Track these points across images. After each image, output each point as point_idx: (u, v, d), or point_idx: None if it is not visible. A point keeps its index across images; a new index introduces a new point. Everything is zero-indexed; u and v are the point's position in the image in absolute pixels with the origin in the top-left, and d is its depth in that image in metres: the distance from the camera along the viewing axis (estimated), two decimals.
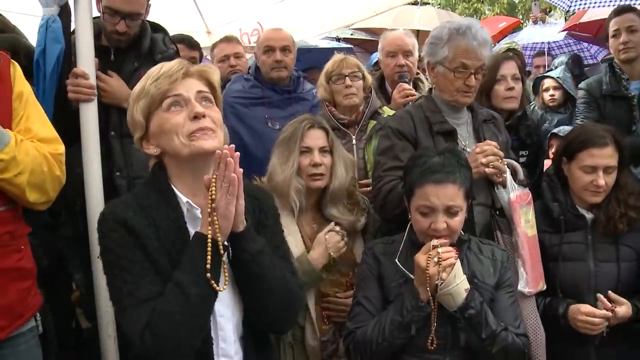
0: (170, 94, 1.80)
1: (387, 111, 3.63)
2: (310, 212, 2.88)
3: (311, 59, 6.35)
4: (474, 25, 2.76)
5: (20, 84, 2.25)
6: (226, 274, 1.74)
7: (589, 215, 2.82)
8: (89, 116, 2.81)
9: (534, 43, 9.91)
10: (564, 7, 6.95)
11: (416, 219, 2.36)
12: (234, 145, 1.68)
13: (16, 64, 2.27)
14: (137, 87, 1.84)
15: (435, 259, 2.19)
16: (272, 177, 2.81)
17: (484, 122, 2.96)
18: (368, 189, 3.08)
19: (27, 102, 2.25)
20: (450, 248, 2.25)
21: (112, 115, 3.09)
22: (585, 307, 2.68)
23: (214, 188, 1.68)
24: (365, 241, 2.94)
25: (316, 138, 2.87)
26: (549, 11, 14.89)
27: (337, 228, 2.80)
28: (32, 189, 2.16)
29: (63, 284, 3.38)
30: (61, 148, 2.30)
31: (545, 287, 2.75)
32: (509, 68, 3.70)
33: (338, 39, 9.65)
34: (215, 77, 1.90)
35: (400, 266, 2.36)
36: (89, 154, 2.77)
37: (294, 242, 2.74)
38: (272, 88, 3.89)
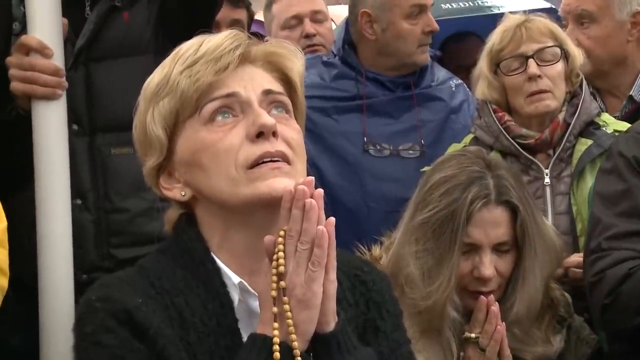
0: (216, 94, 1.22)
1: (613, 122, 2.27)
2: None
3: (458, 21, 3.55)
4: None
5: None
6: None
7: None
8: (51, 125, 1.71)
9: None
10: None
11: None
12: (312, 178, 1.14)
13: None
14: (155, 77, 1.26)
15: None
16: (408, 288, 1.76)
17: None
18: (578, 271, 1.99)
19: None
20: None
21: (75, 92, 1.89)
22: None
23: (281, 253, 1.14)
24: None
25: (491, 226, 1.78)
26: None
27: (472, 335, 1.77)
28: None
29: None
30: (4, 222, 1.59)
31: None
32: None
33: None
34: (297, 65, 1.29)
35: None
36: (53, 195, 1.69)
37: None
38: (375, 78, 2.50)
